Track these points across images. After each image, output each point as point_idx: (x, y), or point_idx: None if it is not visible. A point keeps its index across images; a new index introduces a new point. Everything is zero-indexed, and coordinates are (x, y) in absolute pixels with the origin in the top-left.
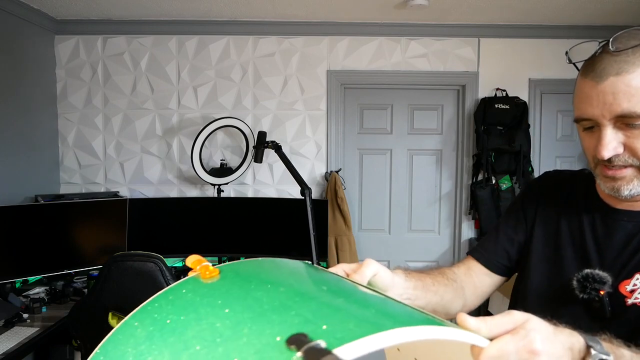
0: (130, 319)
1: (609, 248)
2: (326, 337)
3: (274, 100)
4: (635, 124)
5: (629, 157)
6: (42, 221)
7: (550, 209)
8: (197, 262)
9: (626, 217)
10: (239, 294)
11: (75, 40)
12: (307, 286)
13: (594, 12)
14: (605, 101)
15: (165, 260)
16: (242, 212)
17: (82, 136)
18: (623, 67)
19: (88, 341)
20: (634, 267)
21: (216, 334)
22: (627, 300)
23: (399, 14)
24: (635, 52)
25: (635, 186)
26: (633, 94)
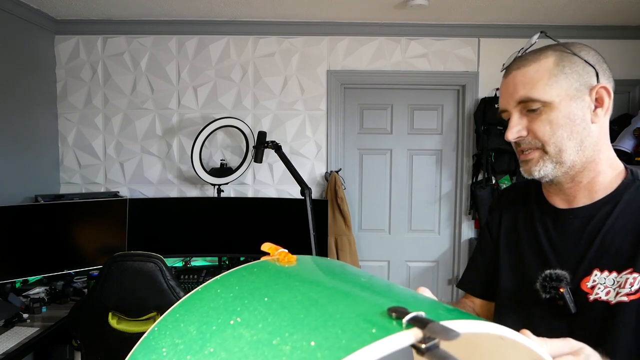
0: (213, 282)
1: (563, 247)
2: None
3: (274, 100)
4: (533, 108)
5: (532, 140)
6: (42, 221)
7: (510, 221)
8: (274, 248)
9: (571, 215)
10: (324, 277)
11: (75, 40)
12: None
13: (594, 12)
14: (509, 90)
15: (165, 260)
16: (242, 212)
17: (82, 136)
18: (523, 63)
19: (88, 341)
20: (591, 264)
21: (312, 300)
22: (589, 297)
23: (399, 14)
24: (533, 53)
25: (542, 167)
26: (527, 82)
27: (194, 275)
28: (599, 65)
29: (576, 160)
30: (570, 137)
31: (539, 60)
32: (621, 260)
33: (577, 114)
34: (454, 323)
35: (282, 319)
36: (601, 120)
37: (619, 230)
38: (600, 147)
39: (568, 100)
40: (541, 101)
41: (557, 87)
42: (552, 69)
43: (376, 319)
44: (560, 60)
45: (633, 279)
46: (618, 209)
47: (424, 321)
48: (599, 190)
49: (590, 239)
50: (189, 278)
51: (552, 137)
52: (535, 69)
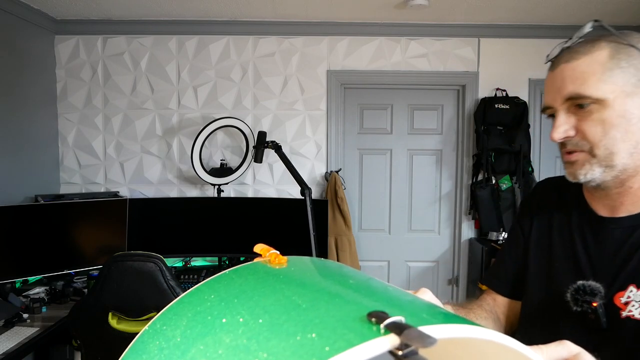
0: (202, 286)
1: (599, 258)
2: (406, 318)
3: (274, 100)
4: (584, 105)
5: (580, 141)
6: (42, 221)
7: (543, 221)
8: (266, 250)
9: (613, 225)
10: (311, 279)
11: (75, 40)
12: (373, 282)
13: (594, 12)
14: (556, 86)
15: (165, 260)
16: (242, 212)
17: (82, 136)
18: (572, 56)
19: (88, 341)
20: (627, 278)
21: (294, 304)
22: (621, 313)
23: (399, 14)
24: (584, 44)
25: (589, 170)
26: (577, 77)
27: (194, 275)
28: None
29: (629, 163)
30: (624, 138)
31: (592, 52)
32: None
33: (633, 112)
34: (434, 328)
35: (262, 324)
36: None
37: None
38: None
39: (624, 97)
40: (593, 98)
41: (612, 82)
42: (607, 62)
43: (354, 324)
44: (616, 52)
45: None
46: None
47: (401, 327)
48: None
49: (630, 252)
50: (189, 278)
51: (604, 138)
52: (587, 62)
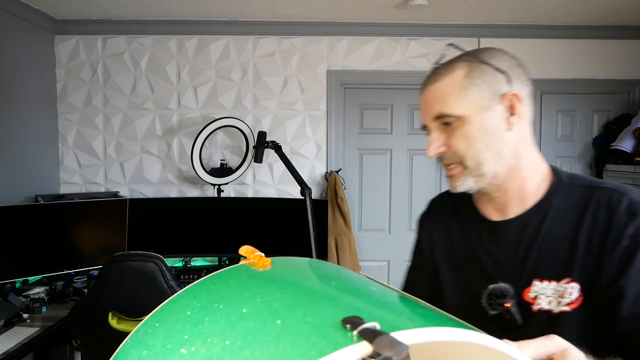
0: (185, 292)
1: (501, 260)
2: (381, 323)
3: (274, 100)
4: (448, 122)
5: (451, 155)
6: (42, 221)
7: (444, 235)
8: (250, 252)
9: (505, 227)
10: (292, 282)
11: (75, 40)
12: (357, 284)
13: (594, 12)
14: (426, 107)
15: (165, 260)
16: (242, 212)
17: (82, 136)
18: (435, 78)
19: (88, 341)
20: (530, 274)
21: (271, 310)
22: (532, 307)
23: (399, 14)
24: (445, 66)
25: (464, 181)
26: (440, 97)
27: (194, 275)
28: (511, 70)
29: (498, 170)
30: (487, 148)
31: (450, 73)
32: (558, 269)
33: (490, 124)
34: (408, 333)
35: (237, 332)
36: (518, 127)
37: (554, 238)
38: (520, 154)
39: (480, 112)
40: (454, 116)
41: (468, 100)
42: (462, 81)
43: (329, 331)
44: (470, 71)
45: (572, 288)
46: (550, 216)
47: (374, 333)
48: (529, 197)
49: (527, 250)
50: (189, 278)
51: (469, 151)
52: (447, 83)
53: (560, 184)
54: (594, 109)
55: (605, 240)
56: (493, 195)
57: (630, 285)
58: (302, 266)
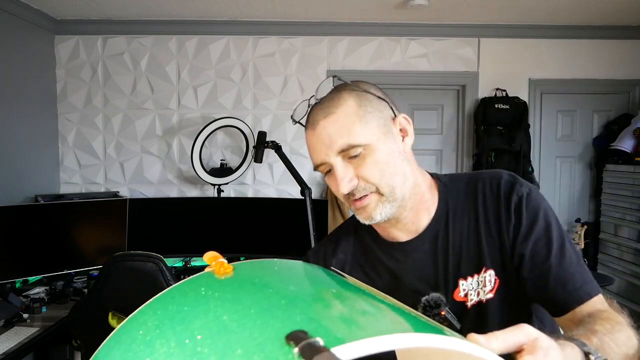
0: (145, 307)
1: (425, 273)
2: (326, 336)
3: (274, 100)
4: (356, 154)
5: (365, 185)
6: (42, 221)
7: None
8: (213, 258)
9: (419, 242)
10: (249, 290)
11: (75, 40)
12: (317, 287)
13: (594, 12)
14: (325, 142)
15: (165, 260)
16: (242, 212)
17: (82, 136)
18: (327, 111)
19: (88, 341)
20: (454, 276)
21: (221, 326)
22: (467, 304)
23: (399, 14)
24: (330, 98)
25: (382, 209)
26: (341, 130)
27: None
28: (387, 98)
29: (405, 191)
30: (396, 172)
31: (341, 105)
32: (474, 262)
33: (392, 148)
34: (349, 347)
35: (185, 352)
36: (409, 147)
37: (460, 235)
38: (414, 171)
39: (382, 137)
40: (362, 145)
41: (369, 127)
42: (357, 110)
43: (272, 349)
44: (360, 100)
45: (490, 275)
46: (450, 218)
47: (314, 350)
48: (430, 207)
49: (444, 255)
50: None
51: (383, 177)
52: (343, 114)
53: (445, 187)
54: (594, 109)
55: (499, 222)
56: (401, 217)
57: (524, 249)
58: (263, 270)
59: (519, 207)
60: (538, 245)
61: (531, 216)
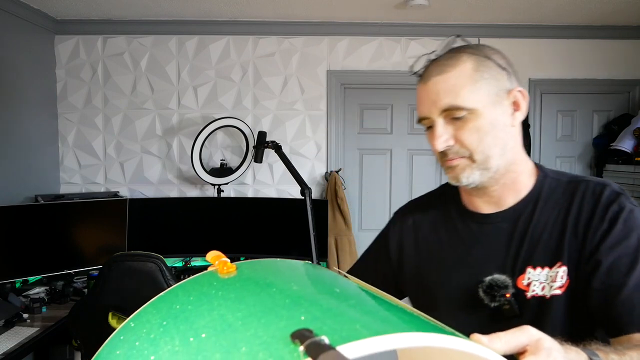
0: (148, 306)
1: (496, 251)
2: (331, 335)
3: (274, 100)
4: (459, 116)
5: (460, 149)
6: (42, 221)
7: (427, 230)
8: (216, 258)
9: (499, 219)
10: (253, 290)
11: (75, 40)
12: (321, 287)
13: (594, 12)
14: (432, 98)
15: (165, 260)
16: (242, 212)
17: (82, 136)
18: (442, 69)
19: (88, 341)
20: (524, 262)
21: (225, 324)
22: (526, 294)
23: (399, 14)
24: (449, 58)
25: (470, 174)
26: (451, 89)
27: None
28: (510, 68)
29: (500, 164)
30: (495, 143)
31: (457, 65)
32: (550, 255)
33: (499, 119)
34: (354, 345)
35: (189, 353)
36: (518, 122)
37: (544, 226)
38: (518, 149)
39: (490, 106)
40: (467, 108)
41: (480, 93)
42: (472, 74)
43: (277, 347)
44: (478, 65)
45: (563, 272)
46: (540, 206)
47: (320, 348)
48: (522, 190)
49: (520, 239)
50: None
51: (480, 144)
52: (456, 75)
53: (546, 178)
54: (594, 109)
55: (589, 224)
56: (490, 189)
57: (604, 258)
58: (266, 270)
59: (615, 217)
60: (621, 260)
61: (625, 231)
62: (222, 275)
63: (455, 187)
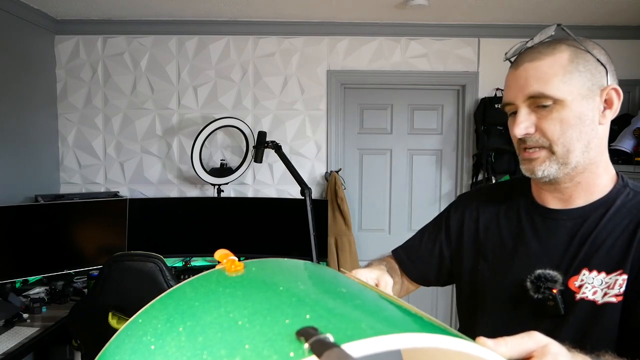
0: (156, 302)
1: (554, 247)
2: (336, 333)
3: (274, 100)
4: (545, 104)
5: (540, 138)
6: (42, 221)
7: (490, 218)
8: (224, 256)
9: (565, 216)
10: (260, 288)
11: (75, 40)
12: (327, 286)
13: (594, 12)
14: (520, 84)
15: (165, 260)
16: (242, 212)
17: (82, 136)
18: (535, 56)
19: (88, 341)
20: (580, 263)
21: (232, 322)
22: (576, 296)
23: (399, 14)
24: (546, 46)
25: (548, 167)
26: (541, 77)
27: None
28: (609, 66)
29: (580, 161)
30: (579, 138)
31: (554, 54)
32: (611, 261)
33: (587, 114)
34: (359, 344)
35: (195, 346)
36: (607, 121)
37: (611, 232)
38: (602, 150)
39: (580, 99)
40: (554, 98)
41: (571, 84)
42: (567, 65)
43: (282, 344)
44: (575, 57)
45: (622, 280)
46: (611, 212)
47: (325, 346)
48: (595, 192)
49: (582, 240)
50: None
51: (562, 136)
52: (550, 63)
53: (624, 187)
54: None
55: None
56: (562, 185)
57: None
58: (273, 269)
59: None
60: None
61: None
62: (229, 273)
63: (527, 179)
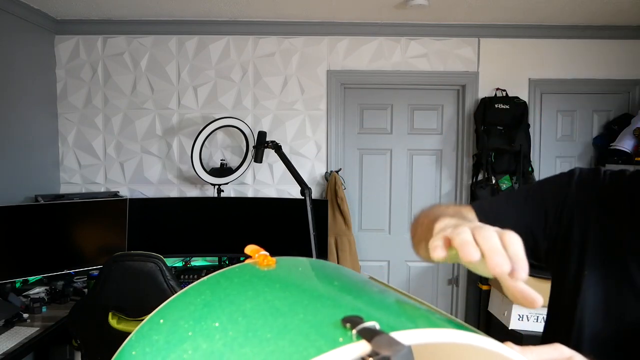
0: (190, 289)
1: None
2: (379, 323)
3: (274, 100)
4: None
5: None
6: (42, 221)
7: (610, 216)
8: (255, 251)
9: None
10: (295, 281)
11: (75, 40)
12: (359, 284)
13: (594, 12)
14: None
15: (165, 260)
16: (242, 212)
17: (82, 136)
18: None
19: (88, 341)
20: None
21: (273, 309)
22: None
23: (399, 14)
24: None
25: None
26: None
27: (194, 275)
28: None
29: None
30: None
31: None
32: None
33: None
34: (406, 334)
35: (239, 329)
36: None
37: None
38: None
39: None
40: None
41: None
42: None
43: (328, 330)
44: None
45: None
46: None
47: (373, 333)
48: None
49: None
50: (189, 278)
51: None
52: None
53: None
54: (594, 109)
55: None
56: None
57: None
58: (305, 266)
59: None
60: None
61: None
62: (261, 267)
63: None
